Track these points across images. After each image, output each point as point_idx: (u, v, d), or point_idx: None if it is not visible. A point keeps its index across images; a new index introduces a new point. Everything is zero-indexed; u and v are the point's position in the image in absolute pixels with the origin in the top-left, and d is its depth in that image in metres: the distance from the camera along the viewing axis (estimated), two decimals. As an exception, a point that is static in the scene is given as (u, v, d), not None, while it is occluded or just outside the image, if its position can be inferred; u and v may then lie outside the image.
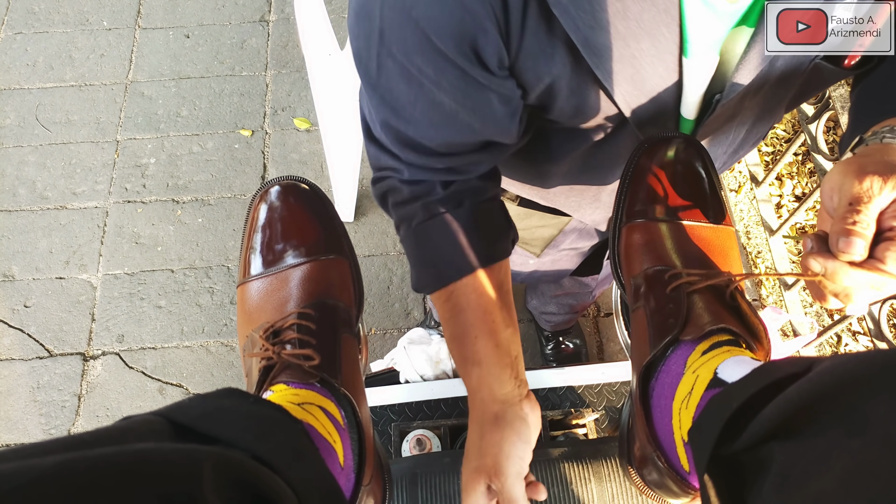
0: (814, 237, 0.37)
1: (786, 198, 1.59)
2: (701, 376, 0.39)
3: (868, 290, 0.36)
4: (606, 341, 1.49)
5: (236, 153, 1.71)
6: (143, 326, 1.49)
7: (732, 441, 0.31)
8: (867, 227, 0.35)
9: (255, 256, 0.49)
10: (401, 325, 1.50)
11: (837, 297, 0.37)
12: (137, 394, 1.42)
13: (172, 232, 1.60)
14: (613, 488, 0.57)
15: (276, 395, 0.41)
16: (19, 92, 1.79)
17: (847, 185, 0.36)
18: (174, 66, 1.83)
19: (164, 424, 0.28)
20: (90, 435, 0.24)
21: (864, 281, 0.35)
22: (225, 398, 0.33)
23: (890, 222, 0.35)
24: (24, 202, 1.64)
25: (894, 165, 0.36)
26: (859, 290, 0.36)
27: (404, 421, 0.71)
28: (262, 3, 1.93)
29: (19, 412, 1.40)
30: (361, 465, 0.42)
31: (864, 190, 0.35)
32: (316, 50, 1.19)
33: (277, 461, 0.29)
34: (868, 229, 0.35)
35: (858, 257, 0.35)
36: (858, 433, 0.23)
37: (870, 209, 0.35)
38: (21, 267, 1.56)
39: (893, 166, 0.35)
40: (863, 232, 0.34)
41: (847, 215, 0.35)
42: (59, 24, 1.90)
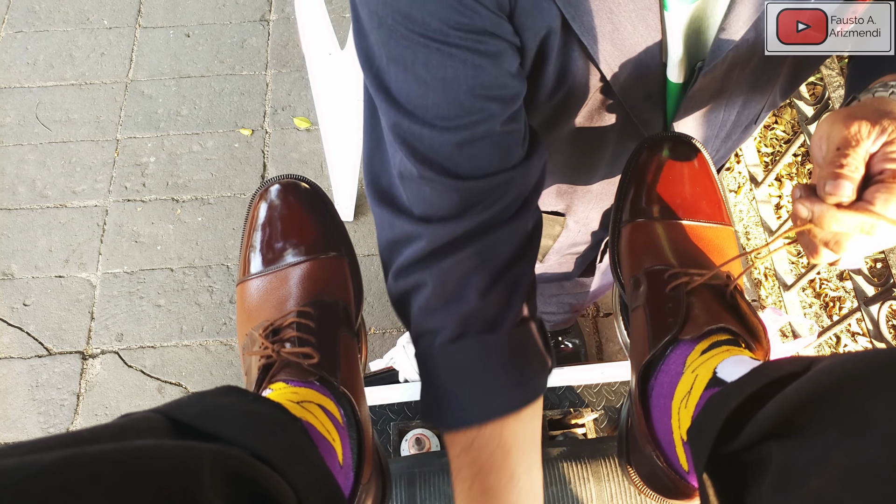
0: (802, 186, 0.37)
1: (785, 198, 1.60)
2: (700, 376, 0.39)
3: (859, 236, 0.34)
4: (606, 341, 1.49)
5: (236, 152, 1.71)
6: (143, 325, 1.49)
7: (731, 440, 0.31)
8: (855, 170, 0.34)
9: (254, 255, 0.49)
10: (400, 325, 1.50)
11: (828, 247, 0.36)
12: (136, 392, 1.42)
13: (172, 231, 1.60)
14: (612, 488, 0.57)
15: (276, 394, 0.41)
16: (20, 90, 1.79)
17: (835, 131, 0.35)
18: (174, 65, 1.83)
19: (164, 422, 0.28)
20: (89, 432, 0.24)
21: (854, 224, 0.34)
22: (224, 396, 0.33)
23: (880, 165, 0.34)
24: (24, 200, 1.64)
25: (884, 111, 0.35)
26: (849, 235, 0.35)
27: (403, 420, 0.71)
28: (262, 3, 1.93)
29: (18, 411, 1.40)
30: (360, 464, 0.42)
31: (851, 134, 0.34)
32: (316, 49, 1.19)
33: (276, 459, 0.29)
34: (856, 172, 0.34)
35: (846, 199, 0.34)
36: (857, 432, 0.23)
37: (858, 152, 0.34)
38: (20, 265, 1.56)
39: (883, 112, 0.35)
40: (850, 174, 0.34)
41: (834, 159, 0.34)
42: (59, 23, 1.89)
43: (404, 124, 0.41)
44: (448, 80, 0.39)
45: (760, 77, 0.49)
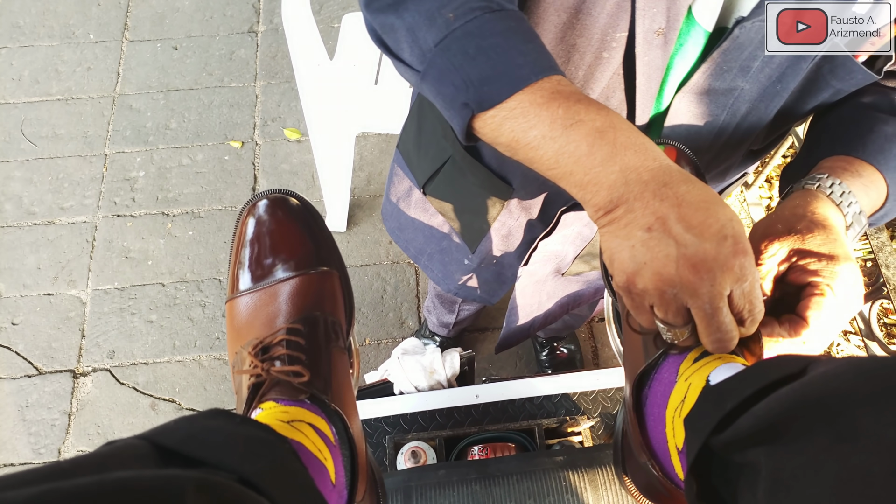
0: None
1: (776, 200, 1.61)
2: (693, 384, 0.39)
3: None
4: (601, 346, 1.49)
5: (226, 165, 1.70)
6: (135, 341, 1.48)
7: (721, 431, 0.31)
8: None
9: (243, 272, 0.49)
10: (395, 335, 1.49)
11: None
12: (129, 410, 1.40)
13: (163, 245, 1.59)
14: (609, 496, 0.57)
15: (266, 413, 0.40)
16: (4, 107, 1.77)
17: None
18: (162, 79, 1.82)
19: (148, 448, 0.28)
20: (69, 463, 0.24)
21: None
22: (211, 419, 0.33)
23: (803, 278, 0.36)
24: (11, 218, 1.62)
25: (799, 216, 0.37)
26: None
27: (399, 433, 0.70)
28: (250, 14, 1.93)
29: (8, 432, 1.38)
30: (354, 482, 0.42)
31: None
32: (305, 60, 1.19)
33: (264, 482, 0.29)
34: None
35: None
36: (849, 440, 0.24)
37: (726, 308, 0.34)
38: (8, 284, 1.54)
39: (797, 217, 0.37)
40: None
41: None
42: (44, 38, 1.89)
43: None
44: None
45: (772, 87, 0.47)
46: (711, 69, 0.46)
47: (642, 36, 0.44)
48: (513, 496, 0.57)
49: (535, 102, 0.36)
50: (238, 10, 1.94)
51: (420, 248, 0.84)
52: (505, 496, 0.58)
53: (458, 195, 0.71)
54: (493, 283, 0.82)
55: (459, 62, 0.38)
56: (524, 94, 0.36)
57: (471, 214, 0.72)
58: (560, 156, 0.36)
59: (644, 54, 0.46)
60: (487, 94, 0.37)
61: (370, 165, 1.70)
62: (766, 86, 0.47)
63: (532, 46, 0.38)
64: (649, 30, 0.44)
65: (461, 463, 0.63)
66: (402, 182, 0.79)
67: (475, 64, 0.37)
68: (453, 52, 0.38)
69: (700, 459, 0.32)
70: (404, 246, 0.87)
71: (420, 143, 0.72)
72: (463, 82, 0.38)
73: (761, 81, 0.47)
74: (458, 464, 0.63)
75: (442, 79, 0.39)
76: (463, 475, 0.60)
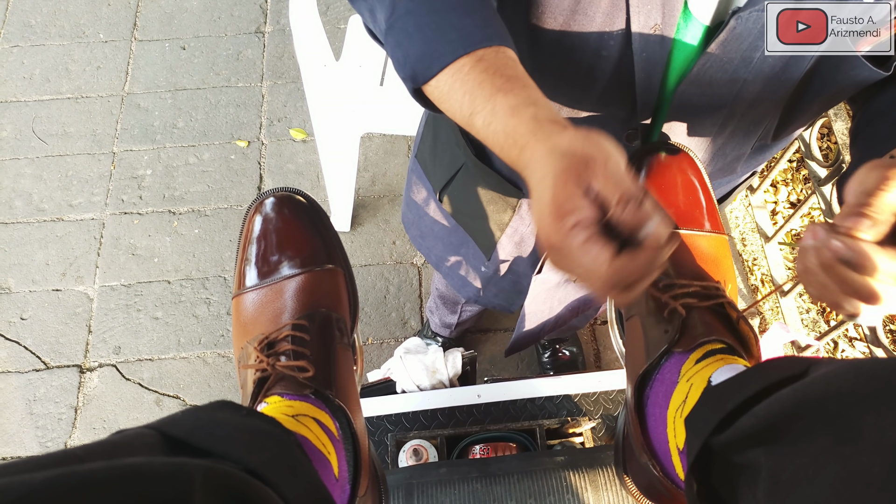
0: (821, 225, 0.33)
1: (781, 204, 1.60)
2: (695, 385, 0.39)
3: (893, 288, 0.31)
4: (603, 349, 1.49)
5: (232, 164, 1.71)
6: (140, 338, 1.49)
7: (722, 430, 0.31)
8: (879, 213, 0.30)
9: (249, 268, 0.49)
10: (398, 335, 1.50)
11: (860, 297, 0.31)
12: (134, 405, 1.41)
13: (169, 243, 1.60)
14: (610, 497, 0.57)
15: (271, 407, 0.41)
16: (16, 104, 1.79)
17: (870, 177, 0.32)
18: (170, 78, 1.84)
19: (157, 438, 0.28)
20: (82, 449, 0.24)
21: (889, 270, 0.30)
22: (218, 411, 0.33)
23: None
24: (21, 214, 1.64)
25: None
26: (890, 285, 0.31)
27: (401, 431, 0.70)
28: (257, 15, 1.95)
29: (15, 425, 1.39)
30: (357, 477, 0.42)
31: (885, 180, 0.31)
32: (311, 61, 1.20)
33: (270, 474, 0.29)
34: (881, 214, 0.30)
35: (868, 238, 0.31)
36: (850, 441, 0.24)
37: (887, 197, 0.31)
38: (17, 279, 1.55)
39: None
40: (874, 215, 0.30)
41: (861, 200, 0.31)
42: (55, 37, 1.90)
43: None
44: None
45: (773, 83, 0.47)
46: (711, 62, 0.46)
47: (639, 33, 0.45)
48: (514, 495, 0.58)
49: (460, 79, 0.37)
50: (245, 10, 1.95)
51: (441, 256, 0.85)
52: (506, 495, 0.58)
53: (472, 202, 0.72)
54: (510, 291, 0.83)
55: (400, 39, 0.40)
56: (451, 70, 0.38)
57: (484, 221, 0.73)
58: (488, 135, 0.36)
59: (641, 51, 0.46)
60: (421, 71, 0.39)
61: (375, 166, 1.71)
62: (770, 76, 0.47)
63: (469, 20, 0.38)
64: (645, 26, 0.44)
65: (462, 461, 0.63)
66: (420, 191, 0.81)
67: (413, 41, 0.39)
68: (397, 30, 0.40)
69: (700, 460, 0.32)
70: (426, 253, 0.88)
71: (436, 152, 0.73)
72: (404, 58, 0.40)
73: (764, 72, 0.46)
74: (459, 462, 0.63)
75: (393, 55, 0.41)
76: (464, 473, 0.60)
